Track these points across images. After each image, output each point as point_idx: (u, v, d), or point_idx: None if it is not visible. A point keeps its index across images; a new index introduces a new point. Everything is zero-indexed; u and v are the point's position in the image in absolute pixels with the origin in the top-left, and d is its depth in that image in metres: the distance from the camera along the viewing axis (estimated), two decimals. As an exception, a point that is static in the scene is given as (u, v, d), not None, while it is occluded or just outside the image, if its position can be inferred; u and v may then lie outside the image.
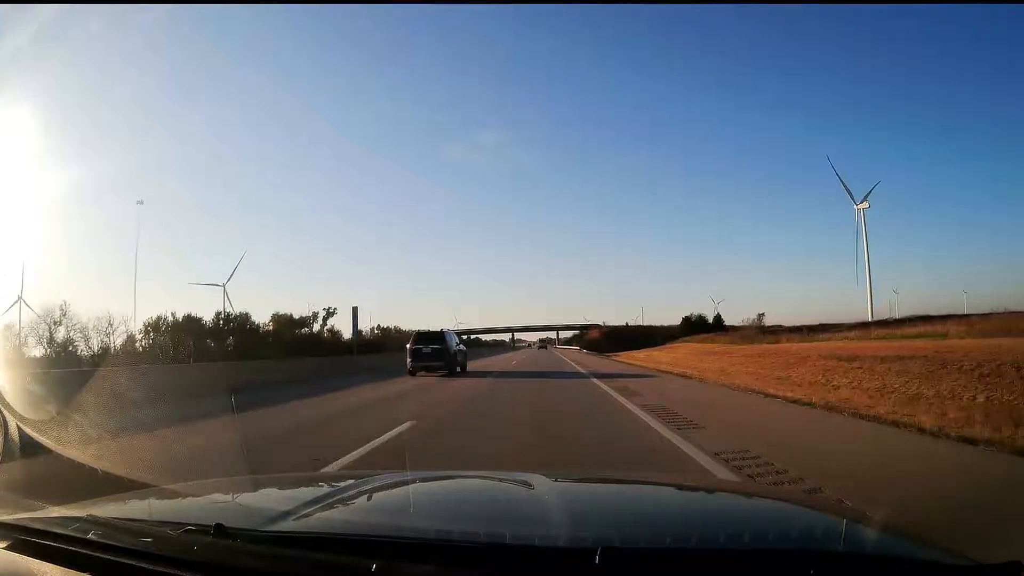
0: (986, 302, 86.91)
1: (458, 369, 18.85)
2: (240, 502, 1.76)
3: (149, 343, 24.56)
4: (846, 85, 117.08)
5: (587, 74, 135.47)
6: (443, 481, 2.12)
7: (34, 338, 23.90)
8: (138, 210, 53.20)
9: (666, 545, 1.21)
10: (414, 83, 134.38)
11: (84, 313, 25.38)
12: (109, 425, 6.95)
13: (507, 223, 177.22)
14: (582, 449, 5.87)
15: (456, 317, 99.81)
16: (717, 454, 5.14)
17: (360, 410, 9.66)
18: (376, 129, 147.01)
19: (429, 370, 18.12)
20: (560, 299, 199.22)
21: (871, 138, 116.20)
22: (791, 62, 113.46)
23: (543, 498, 1.65)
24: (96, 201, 73.13)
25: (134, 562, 1.13)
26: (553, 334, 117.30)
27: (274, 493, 1.97)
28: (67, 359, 21.44)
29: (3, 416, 5.11)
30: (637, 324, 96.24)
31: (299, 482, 2.40)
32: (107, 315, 25.53)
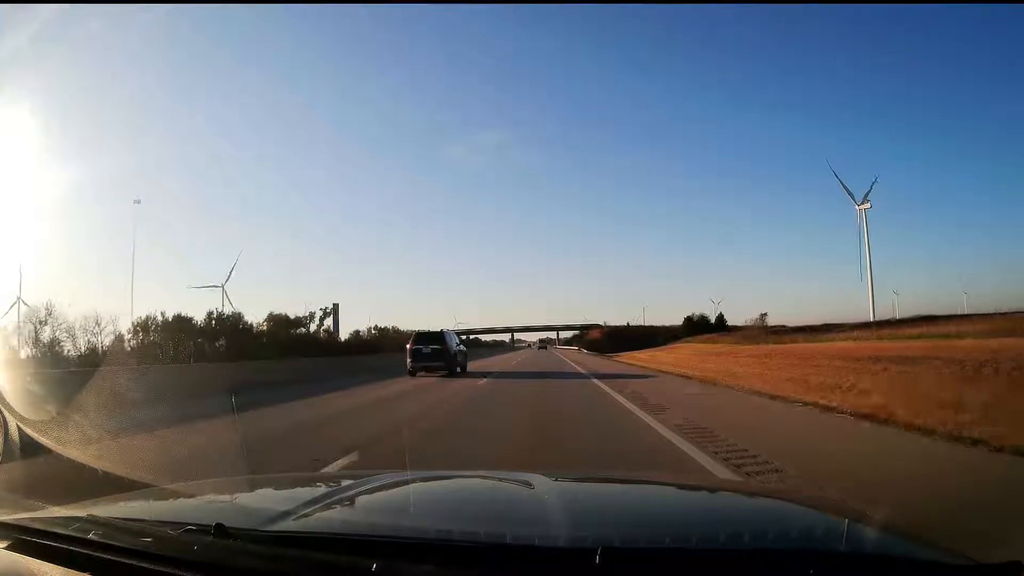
0: (986, 303, 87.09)
1: (458, 369, 18.84)
2: (240, 502, 1.76)
3: (138, 343, 24.20)
4: (846, 85, 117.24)
5: (587, 74, 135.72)
6: (443, 481, 2.12)
7: (19, 339, 23.55)
8: (136, 209, 53.03)
9: (666, 545, 1.21)
10: (414, 83, 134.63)
11: (82, 313, 25.10)
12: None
13: (507, 223, 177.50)
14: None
15: (455, 317, 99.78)
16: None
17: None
18: (376, 129, 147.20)
19: (429, 370, 18.11)
20: (560, 299, 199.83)
21: (871, 138, 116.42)
22: (791, 62, 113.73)
23: (543, 498, 1.65)
24: (96, 201, 73.08)
25: (134, 562, 1.13)
26: (553, 334, 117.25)
27: (274, 493, 1.97)
28: (52, 359, 20.96)
29: (3, 416, 5.11)
30: (638, 324, 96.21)
31: (299, 482, 2.40)
32: (94, 314, 25.05)
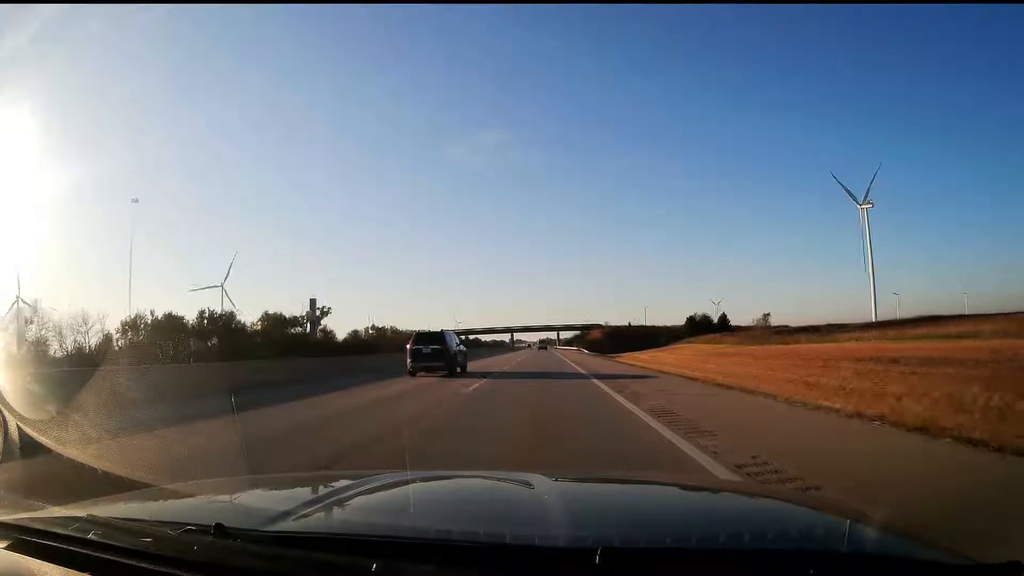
0: (986, 303, 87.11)
1: (458, 370, 18.81)
2: (240, 502, 1.76)
3: (127, 342, 23.97)
4: (846, 85, 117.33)
5: (587, 74, 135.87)
6: (443, 481, 2.11)
7: (13, 338, 23.24)
8: (135, 209, 52.98)
9: (666, 545, 1.21)
10: (414, 83, 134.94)
11: (70, 312, 24.94)
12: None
13: (507, 223, 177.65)
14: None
15: (455, 317, 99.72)
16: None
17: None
18: (376, 129, 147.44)
19: (429, 370, 18.09)
20: (560, 299, 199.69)
21: (871, 138, 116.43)
22: (791, 62, 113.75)
23: (543, 498, 1.65)
24: (96, 201, 73.13)
25: (134, 562, 1.13)
26: (553, 334, 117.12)
27: (274, 493, 1.97)
28: (37, 358, 20.71)
29: (3, 416, 5.11)
30: (640, 324, 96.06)
31: (299, 482, 2.40)
32: (81, 313, 24.86)
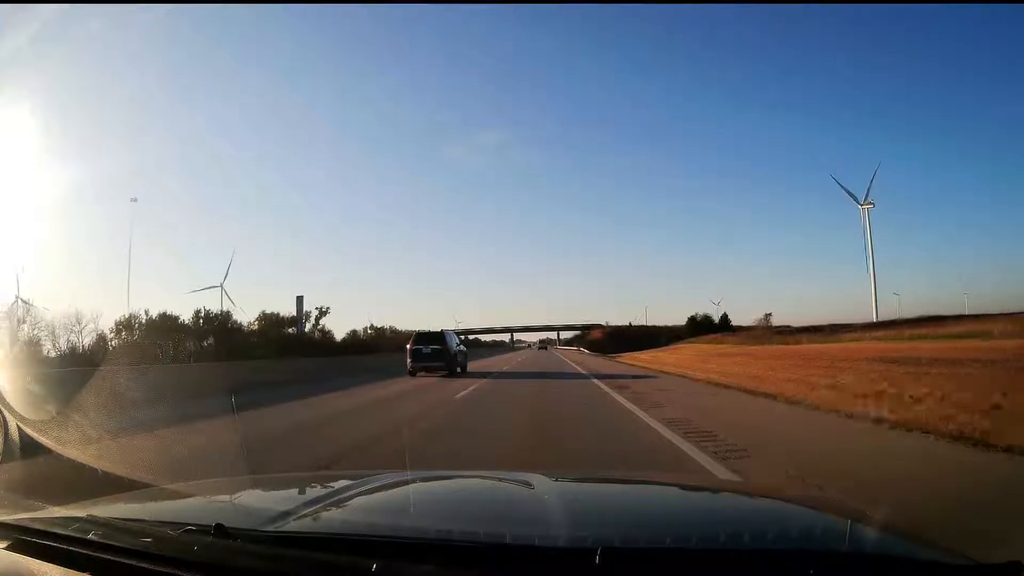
0: (985, 303, 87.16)
1: (458, 370, 18.82)
2: (240, 502, 1.76)
3: (121, 342, 23.55)
4: (846, 85, 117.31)
5: (587, 74, 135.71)
6: (443, 481, 2.12)
7: (10, 337, 23.07)
8: (134, 209, 52.92)
9: (666, 545, 1.21)
10: (414, 83, 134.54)
11: (63, 312, 24.77)
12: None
13: (507, 223, 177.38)
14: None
15: (455, 317, 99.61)
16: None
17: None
18: (376, 129, 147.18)
19: (429, 370, 18.10)
20: (560, 299, 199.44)
21: (871, 138, 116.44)
22: (791, 62, 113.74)
23: (543, 498, 1.65)
24: (96, 201, 72.94)
25: (134, 562, 1.13)
26: (554, 334, 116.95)
27: (274, 493, 1.98)
28: (31, 359, 20.28)
29: (3, 416, 5.11)
30: (640, 324, 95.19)
31: (299, 482, 2.40)
32: (75, 312, 24.51)
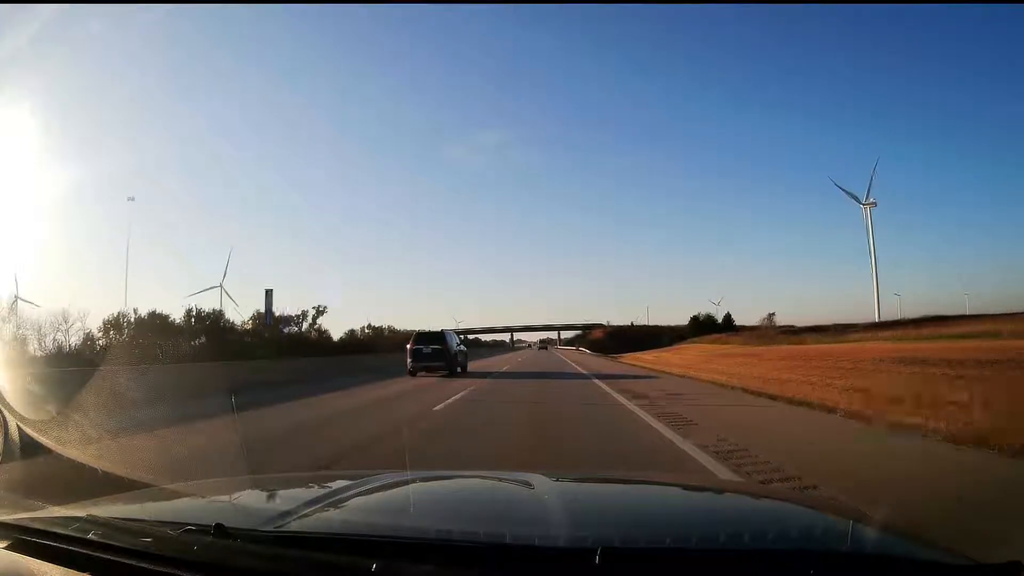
0: (985, 303, 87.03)
1: (458, 370, 18.80)
2: (240, 502, 1.76)
3: (108, 342, 23.06)
4: (846, 85, 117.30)
5: (587, 74, 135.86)
6: (443, 481, 2.11)
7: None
8: (133, 210, 52.93)
9: (666, 545, 1.21)
10: (414, 83, 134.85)
11: (59, 310, 24.69)
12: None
13: (507, 222, 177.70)
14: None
15: (455, 317, 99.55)
16: None
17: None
18: (376, 129, 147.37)
19: (429, 370, 18.07)
20: (561, 299, 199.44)
21: (871, 138, 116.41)
22: (791, 62, 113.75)
23: (543, 498, 1.65)
24: (96, 200, 73.02)
25: (134, 562, 1.13)
26: (554, 334, 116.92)
27: (274, 493, 1.97)
28: (18, 358, 20.32)
29: (3, 416, 5.11)
30: (642, 324, 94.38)
31: (299, 482, 2.40)
32: (61, 311, 23.93)
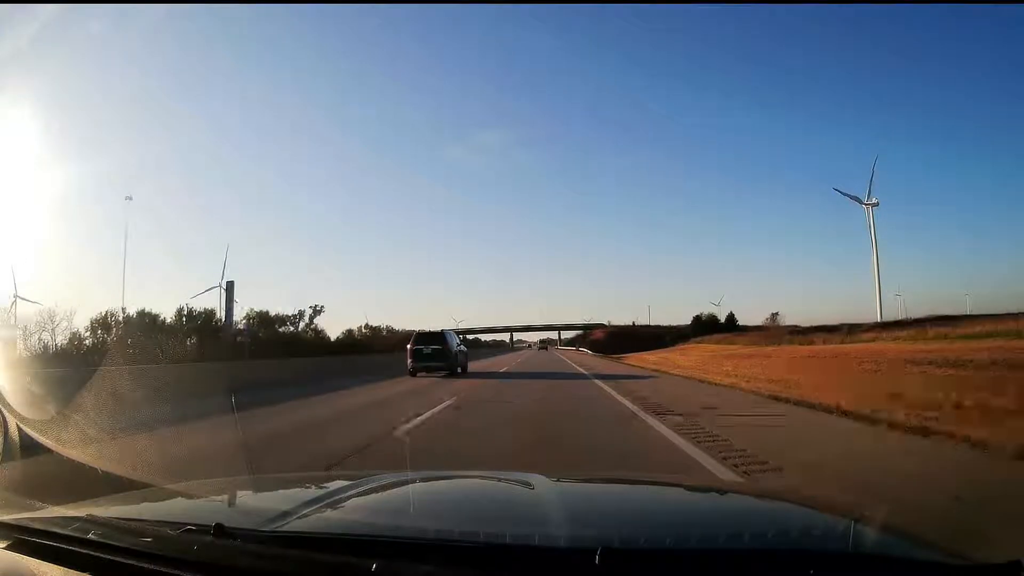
0: (985, 303, 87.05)
1: (459, 370, 18.80)
2: (240, 502, 1.76)
3: (95, 342, 22.99)
4: (846, 85, 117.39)
5: (587, 74, 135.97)
6: (443, 481, 2.11)
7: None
8: (128, 206, 52.43)
9: (666, 545, 1.21)
10: (414, 83, 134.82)
11: (45, 310, 24.54)
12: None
13: (507, 222, 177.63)
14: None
15: (454, 317, 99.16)
16: None
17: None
18: (376, 129, 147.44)
19: (429, 371, 18.09)
20: (561, 299, 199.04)
21: (871, 138, 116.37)
22: (791, 62, 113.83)
23: (543, 498, 1.65)
24: (97, 200, 72.95)
25: (134, 562, 1.13)
26: (555, 334, 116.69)
27: (274, 493, 1.98)
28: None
29: (3, 416, 5.10)
30: (644, 324, 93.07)
31: (299, 482, 2.40)
32: (48, 310, 24.10)
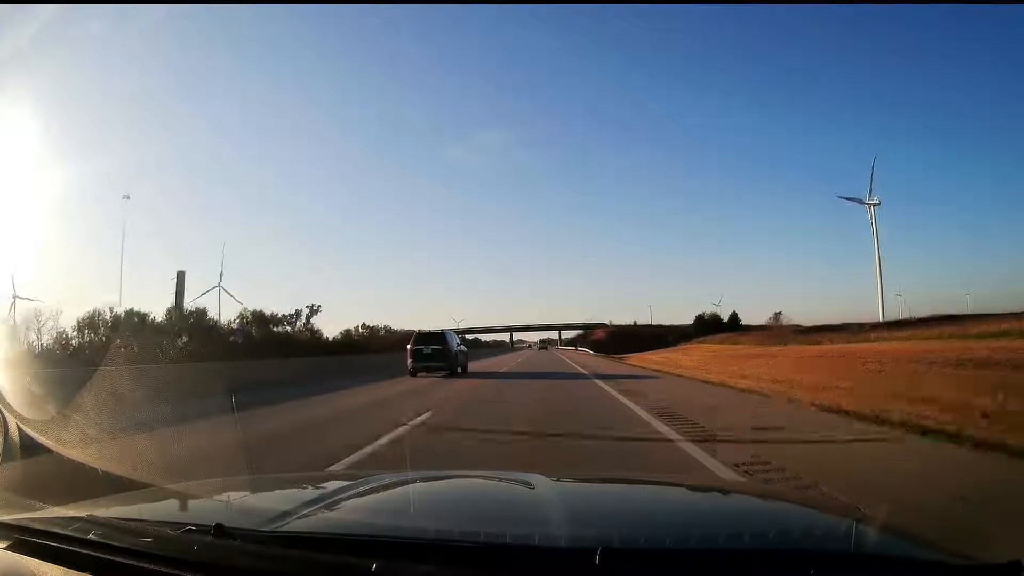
0: (986, 303, 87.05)
1: (459, 370, 18.79)
2: (240, 502, 1.76)
3: (82, 342, 22.40)
4: (846, 85, 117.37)
5: (587, 74, 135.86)
6: (443, 481, 2.11)
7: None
8: (126, 205, 52.75)
9: (666, 545, 1.21)
10: (414, 83, 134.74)
11: (36, 309, 24.51)
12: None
13: (507, 221, 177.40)
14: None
15: (453, 316, 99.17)
16: None
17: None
18: (376, 129, 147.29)
19: (430, 370, 18.09)
20: (562, 298, 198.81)
21: (871, 138, 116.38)
22: (791, 61, 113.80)
23: (543, 498, 1.65)
24: (97, 200, 73.03)
25: (134, 562, 1.13)
26: (555, 334, 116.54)
27: (274, 493, 1.98)
28: None
29: (3, 416, 5.10)
30: (645, 324, 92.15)
31: (299, 482, 2.40)
32: (33, 309, 24.16)
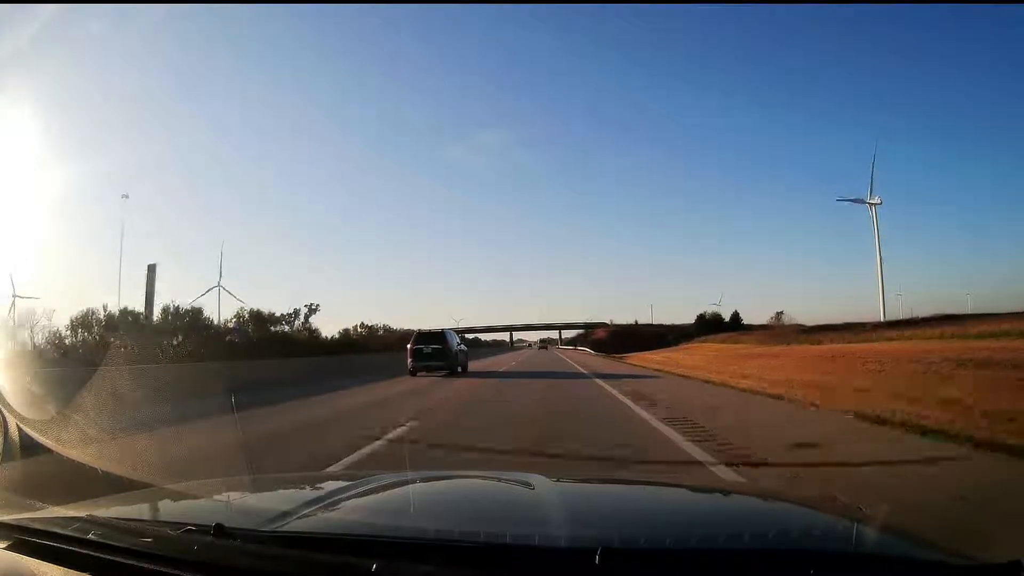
0: (986, 302, 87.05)
1: (459, 369, 18.81)
2: (240, 502, 1.76)
3: (75, 341, 22.60)
4: (846, 86, 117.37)
5: (587, 74, 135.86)
6: (443, 481, 2.12)
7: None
8: (124, 204, 52.77)
9: (666, 545, 1.21)
10: (414, 83, 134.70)
11: (26, 308, 24.47)
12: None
13: (507, 221, 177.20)
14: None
15: (453, 316, 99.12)
16: None
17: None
18: (376, 129, 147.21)
19: (430, 370, 18.11)
20: (562, 298, 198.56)
21: (871, 138, 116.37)
22: (791, 61, 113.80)
23: (543, 498, 1.65)
24: (96, 200, 72.90)
25: (134, 562, 1.13)
26: (555, 333, 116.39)
27: (274, 493, 1.98)
28: None
29: (3, 416, 5.10)
30: (646, 323, 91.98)
31: (299, 482, 2.40)
32: (27, 309, 24.23)
